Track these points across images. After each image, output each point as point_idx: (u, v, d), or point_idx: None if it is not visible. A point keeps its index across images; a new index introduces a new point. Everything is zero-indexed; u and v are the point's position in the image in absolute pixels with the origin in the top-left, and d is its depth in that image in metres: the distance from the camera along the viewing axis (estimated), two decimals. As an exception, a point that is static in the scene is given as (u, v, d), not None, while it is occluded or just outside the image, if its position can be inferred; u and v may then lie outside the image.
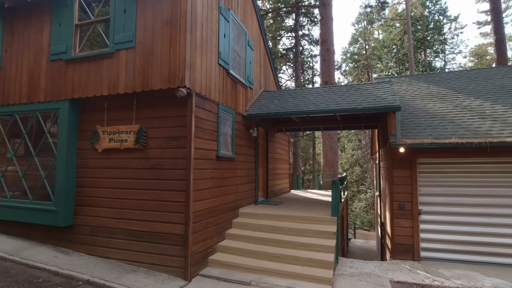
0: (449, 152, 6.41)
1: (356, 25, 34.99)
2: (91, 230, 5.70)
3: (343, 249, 9.04)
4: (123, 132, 5.49)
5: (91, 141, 5.76)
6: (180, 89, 4.89)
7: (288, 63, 25.78)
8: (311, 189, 17.76)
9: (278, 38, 24.87)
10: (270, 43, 24.10)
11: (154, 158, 5.33)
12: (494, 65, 20.25)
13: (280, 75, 26.65)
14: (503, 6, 27.63)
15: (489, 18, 18.30)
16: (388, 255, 7.57)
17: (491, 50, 29.71)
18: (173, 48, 5.01)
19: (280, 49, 24.31)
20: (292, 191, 12.85)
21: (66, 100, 5.82)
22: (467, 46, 36.05)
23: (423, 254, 6.50)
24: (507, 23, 29.54)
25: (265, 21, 23.55)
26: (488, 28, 27.56)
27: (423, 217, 6.56)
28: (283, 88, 24.46)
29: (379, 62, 32.81)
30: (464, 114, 7.12)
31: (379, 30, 34.43)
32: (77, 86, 5.75)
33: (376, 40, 34.00)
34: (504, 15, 26.17)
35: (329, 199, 6.53)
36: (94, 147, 5.76)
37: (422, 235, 6.54)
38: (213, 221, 5.85)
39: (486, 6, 18.06)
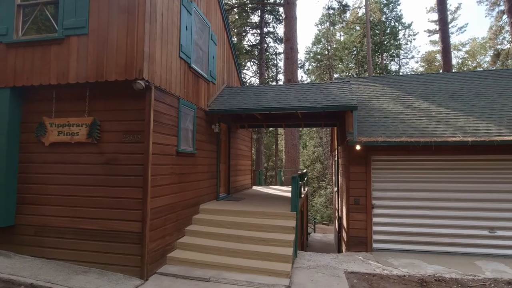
0: (400, 150, 6.86)
1: (319, 25, 36.02)
2: (36, 230, 5.27)
3: (302, 243, 9.32)
4: (74, 124, 5.13)
5: (37, 134, 5.31)
6: (138, 81, 4.68)
7: (252, 60, 25.85)
8: (273, 185, 18.05)
9: (243, 34, 24.83)
10: (235, 39, 23.97)
11: (109, 153, 5.06)
12: (441, 71, 21.98)
13: (244, 71, 26.64)
14: (450, 17, 30.13)
15: (437, 27, 19.80)
16: (344, 248, 7.94)
17: (439, 57, 32.21)
18: (130, 38, 4.77)
19: (245, 45, 24.29)
20: (254, 187, 12.96)
21: (6, 88, 5.29)
22: (419, 52, 38.96)
23: (375, 245, 6.90)
24: (452, 33, 32.23)
25: (230, 16, 23.34)
26: (436, 37, 29.84)
27: (376, 211, 6.96)
28: (247, 84, 24.47)
29: (340, 63, 34.10)
30: (413, 115, 7.65)
31: (341, 32, 35.74)
32: (20, 73, 5.25)
33: (337, 42, 35.26)
34: (450, 25, 28.54)
35: (290, 194, 6.69)
36: (40, 140, 5.32)
37: (375, 228, 6.94)
38: (172, 217, 5.71)
39: (436, 16, 19.55)
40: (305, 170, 12.28)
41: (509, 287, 4.88)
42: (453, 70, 23.81)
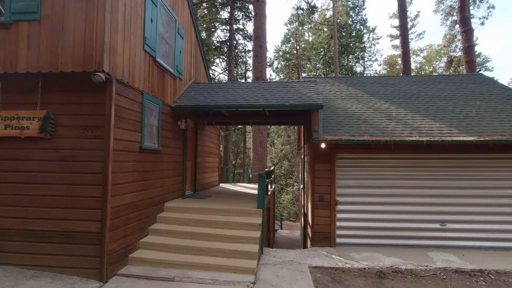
0: (362, 148, 7.15)
1: (288, 25, 36.44)
2: (-20, 232, 4.83)
3: (269, 240, 9.42)
4: (24, 118, 4.74)
5: (-19, 127, 4.85)
6: (98, 73, 4.43)
7: (221, 56, 25.58)
8: (241, 182, 18.06)
9: (212, 30, 24.47)
10: (204, 34, 23.57)
11: (65, 149, 4.75)
12: (401, 74, 23.23)
13: (213, 68, 26.30)
14: (410, 24, 31.90)
15: (398, 33, 20.89)
16: (309, 243, 8.15)
17: (399, 61, 34.01)
18: (89, 27, 4.49)
19: (214, 41, 23.96)
20: (222, 185, 12.88)
21: None
22: (381, 55, 40.87)
23: (338, 240, 7.15)
24: (412, 39, 34.19)
25: (198, 11, 22.89)
26: (398, 42, 31.46)
27: (339, 207, 7.21)
28: (216, 81, 24.22)
29: (309, 63, 34.84)
30: (375, 115, 8.01)
31: (309, 33, 36.46)
32: (-40, 60, 4.75)
33: (306, 42, 35.96)
34: (410, 32, 30.22)
35: (257, 192, 6.73)
36: (-15, 134, 4.86)
37: (338, 224, 7.19)
38: (135, 216, 5.50)
39: (397, 22, 20.61)
40: (272, 168, 12.41)
41: (456, 275, 5.29)
42: (412, 74, 25.27)
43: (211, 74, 25.74)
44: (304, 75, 33.08)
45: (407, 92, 9.47)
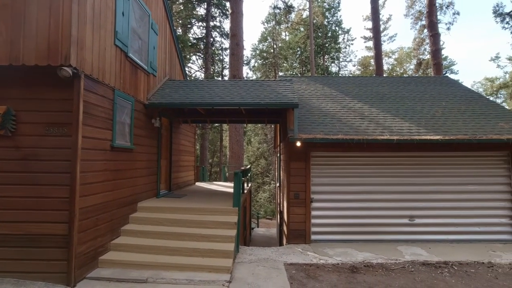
0: (336, 147, 7.30)
1: (265, 24, 36.55)
2: None
3: (245, 238, 9.42)
4: (-18, 114, 4.42)
5: None
6: (64, 68, 4.21)
7: (198, 54, 25.22)
8: (218, 181, 17.93)
9: (188, 26, 24.05)
10: (179, 31, 23.13)
11: (28, 147, 4.48)
12: (374, 75, 24.00)
13: (189, 65, 25.90)
14: (382, 26, 33.01)
15: (372, 35, 21.55)
16: (285, 241, 8.23)
17: (373, 62, 35.13)
18: (54, 19, 4.25)
19: (191, 38, 23.56)
20: (198, 184, 12.72)
21: None
22: (356, 56, 42.07)
23: (313, 237, 7.27)
24: (384, 41, 35.35)
25: (174, 6, 22.43)
26: (371, 43, 32.44)
27: (314, 204, 7.33)
28: (192, 78, 23.85)
29: (285, 62, 35.16)
30: (349, 114, 8.21)
31: (286, 32, 36.77)
32: None
33: (283, 41, 36.25)
34: (382, 34, 31.22)
35: (233, 190, 6.71)
36: None
37: (313, 221, 7.31)
38: (105, 217, 5.31)
39: (370, 24, 21.28)
40: (249, 166, 12.42)
41: (423, 267, 5.54)
42: (384, 75, 26.19)
43: (187, 72, 25.33)
44: (281, 74, 33.33)
45: (379, 92, 9.79)
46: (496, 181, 7.36)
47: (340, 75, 35.51)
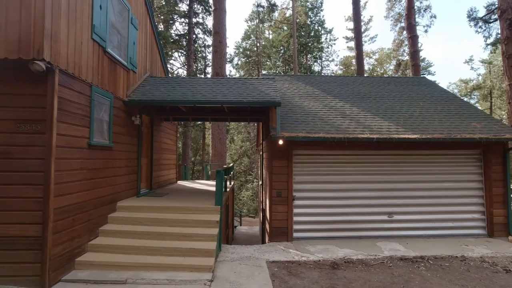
0: (318, 145, 7.38)
1: (249, 22, 36.47)
2: None
3: (227, 237, 9.39)
4: None
5: None
6: (37, 62, 4.03)
7: (180, 50, 24.84)
8: (200, 179, 17.77)
9: (170, 22, 23.63)
10: (161, 27, 22.68)
11: (-2, 145, 4.27)
12: (355, 74, 24.45)
13: (171, 62, 25.49)
14: (363, 27, 33.68)
15: (353, 35, 21.93)
16: (267, 238, 8.25)
17: (354, 62, 35.79)
18: (26, 10, 4.05)
19: (173, 34, 23.18)
20: (180, 182, 12.55)
21: None
22: (338, 56, 42.51)
23: (295, 235, 7.32)
24: (365, 41, 36.10)
25: (155, 1, 21.97)
26: (353, 44, 33.02)
27: (296, 202, 7.39)
28: (174, 75, 23.48)
29: (269, 60, 35.24)
30: (330, 113, 8.32)
31: (270, 30, 36.86)
32: None
33: (266, 39, 36.31)
34: (364, 35, 31.88)
35: (215, 189, 6.67)
36: None
37: (295, 218, 7.36)
38: (82, 217, 5.14)
39: (352, 25, 21.65)
40: (231, 164, 12.36)
41: (401, 262, 5.70)
42: (365, 75, 26.73)
43: (169, 68, 24.91)
44: (264, 72, 33.39)
45: (360, 91, 9.97)
46: (469, 178, 7.68)
47: (322, 74, 35.96)
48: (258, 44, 35.56)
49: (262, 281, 4.83)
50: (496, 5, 12.95)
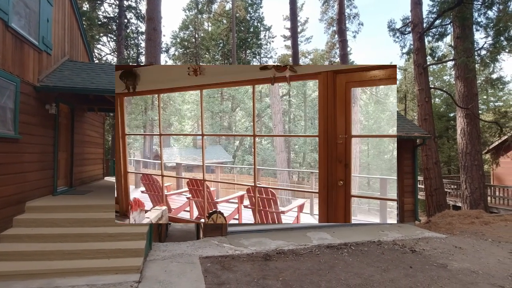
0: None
1: (187, 11, 35.09)
2: None
3: (160, 234, 8.96)
4: None
5: None
6: None
7: (110, 35, 22.80)
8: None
9: (98, 2, 21.46)
10: (87, 6, 20.49)
11: None
12: (291, 72, 25.36)
13: (99, 46, 23.22)
14: (300, 28, 35.18)
15: (290, 34, 22.70)
16: (201, 234, 8.10)
17: (291, 60, 37.19)
18: None
19: (100, 16, 21.12)
20: (107, 178, 11.57)
21: None
22: (276, 53, 43.60)
23: (230, 229, 7.31)
24: (301, 41, 37.77)
25: (80, -22, 19.70)
26: (289, 42, 34.23)
27: (231, 196, 7.36)
28: (103, 62, 21.52)
29: (207, 53, 34.52)
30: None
31: (209, 22, 36.09)
32: None
33: (205, 32, 35.47)
34: (300, 35, 33.32)
35: (146, 184, 6.29)
36: None
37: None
38: (-23, 222, 4.35)
39: (289, 24, 22.39)
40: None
41: (328, 250, 6.12)
42: (300, 73, 27.88)
43: (97, 54, 22.70)
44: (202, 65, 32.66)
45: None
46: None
47: (261, 70, 36.49)
48: (196, 36, 34.57)
49: (194, 277, 4.70)
50: (410, 19, 14.68)
